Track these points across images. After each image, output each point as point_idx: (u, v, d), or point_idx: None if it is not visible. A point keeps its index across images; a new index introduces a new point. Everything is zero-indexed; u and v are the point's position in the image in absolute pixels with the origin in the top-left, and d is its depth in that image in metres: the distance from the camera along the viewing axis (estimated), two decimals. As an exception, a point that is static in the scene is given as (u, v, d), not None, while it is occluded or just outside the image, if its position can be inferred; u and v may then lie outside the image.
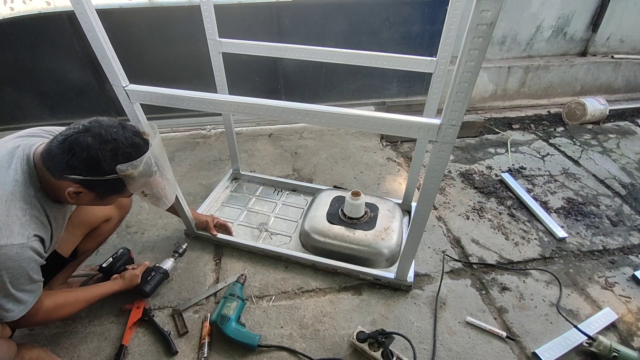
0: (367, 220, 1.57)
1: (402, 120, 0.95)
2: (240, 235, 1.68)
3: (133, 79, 1.12)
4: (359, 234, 1.51)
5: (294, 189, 1.98)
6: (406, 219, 1.75)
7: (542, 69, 2.89)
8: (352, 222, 1.56)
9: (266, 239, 1.68)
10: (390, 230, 1.53)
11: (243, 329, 1.26)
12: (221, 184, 1.96)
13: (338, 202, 1.67)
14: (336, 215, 1.60)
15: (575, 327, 1.27)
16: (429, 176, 1.03)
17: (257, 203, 1.89)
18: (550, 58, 2.97)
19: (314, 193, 1.86)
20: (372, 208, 1.63)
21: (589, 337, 1.23)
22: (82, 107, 2.43)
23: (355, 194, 1.54)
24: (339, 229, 1.53)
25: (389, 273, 1.44)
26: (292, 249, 1.61)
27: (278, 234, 1.70)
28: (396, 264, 1.40)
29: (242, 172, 2.04)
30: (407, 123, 0.95)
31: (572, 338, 1.27)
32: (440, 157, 0.97)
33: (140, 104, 1.17)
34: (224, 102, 1.09)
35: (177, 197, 1.45)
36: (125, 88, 1.10)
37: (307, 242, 1.59)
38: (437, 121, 0.92)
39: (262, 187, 2.01)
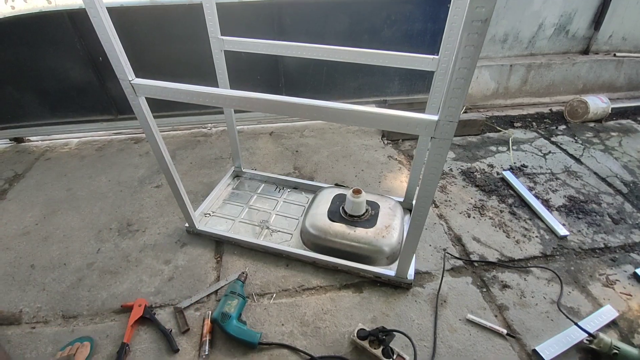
0: (368, 218, 1.57)
1: (400, 117, 0.96)
2: (242, 233, 1.69)
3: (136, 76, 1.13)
4: (360, 232, 1.51)
5: (295, 187, 1.99)
6: (407, 217, 1.75)
7: (544, 67, 2.88)
8: (353, 220, 1.56)
9: (267, 236, 1.68)
10: (391, 228, 1.53)
11: (244, 326, 1.26)
12: (223, 182, 1.96)
13: (339, 199, 1.67)
14: (337, 213, 1.60)
15: (576, 324, 1.27)
16: (428, 172, 1.04)
17: (259, 200, 1.90)
18: (552, 56, 2.96)
19: (315, 191, 1.87)
20: (373, 206, 1.63)
21: (590, 334, 1.23)
22: (83, 105, 2.43)
23: (357, 192, 1.54)
24: (339, 227, 1.53)
25: (390, 270, 1.45)
26: (293, 246, 1.60)
27: (279, 231, 1.70)
28: (396, 262, 1.42)
29: (243, 170, 2.04)
30: (405, 119, 0.96)
31: (573, 335, 1.27)
32: (439, 153, 0.98)
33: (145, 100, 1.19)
34: (228, 97, 1.10)
35: (179, 194, 1.46)
36: (131, 82, 1.12)
37: (308, 239, 1.59)
38: (434, 117, 0.92)
39: (263, 184, 2.01)
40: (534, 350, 1.24)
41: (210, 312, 1.35)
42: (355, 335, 1.23)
